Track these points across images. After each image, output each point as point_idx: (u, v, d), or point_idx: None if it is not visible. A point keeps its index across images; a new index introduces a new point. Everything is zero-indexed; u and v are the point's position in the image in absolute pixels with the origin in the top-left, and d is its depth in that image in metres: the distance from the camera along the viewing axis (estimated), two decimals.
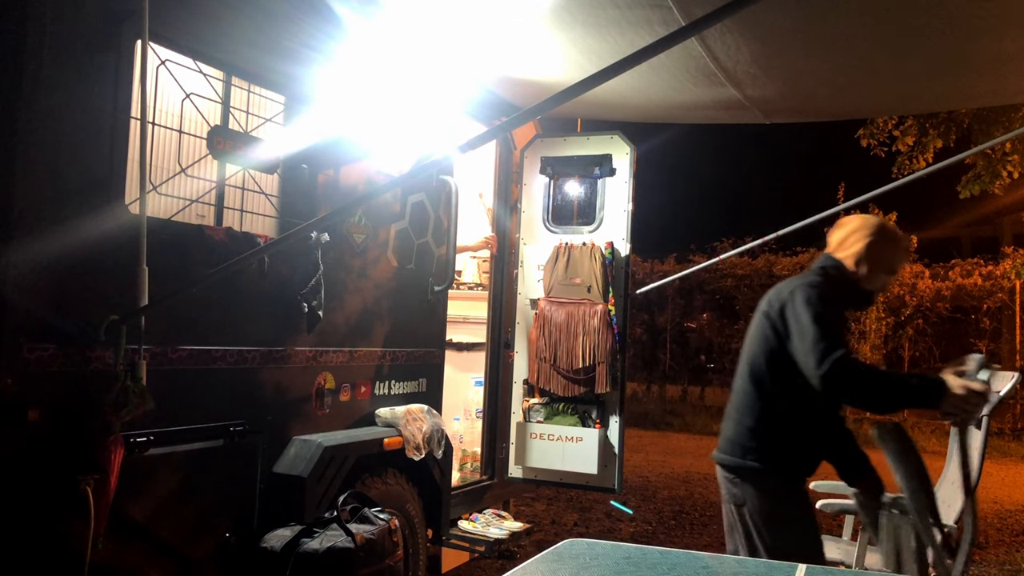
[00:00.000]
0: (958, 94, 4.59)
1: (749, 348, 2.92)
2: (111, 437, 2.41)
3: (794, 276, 3.01)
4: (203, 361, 2.86)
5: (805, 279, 2.87)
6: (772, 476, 2.78)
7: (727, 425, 2.92)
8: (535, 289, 4.84)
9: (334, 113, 3.39)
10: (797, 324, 2.69)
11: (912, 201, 13.13)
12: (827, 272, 2.92)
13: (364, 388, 3.69)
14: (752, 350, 2.89)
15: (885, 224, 3.00)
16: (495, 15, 3.43)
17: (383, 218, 3.80)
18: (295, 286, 3.23)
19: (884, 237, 2.93)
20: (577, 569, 1.86)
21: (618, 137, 4.74)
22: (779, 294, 2.85)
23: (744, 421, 2.84)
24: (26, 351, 2.31)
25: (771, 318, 2.81)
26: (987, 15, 3.15)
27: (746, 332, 2.99)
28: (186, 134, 2.91)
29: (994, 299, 13.23)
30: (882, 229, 2.95)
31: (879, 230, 2.94)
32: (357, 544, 2.83)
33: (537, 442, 4.70)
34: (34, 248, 2.33)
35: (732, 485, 2.85)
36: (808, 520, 2.84)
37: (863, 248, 2.90)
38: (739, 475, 2.82)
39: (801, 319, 2.67)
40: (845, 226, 2.98)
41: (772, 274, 14.51)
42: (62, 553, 2.33)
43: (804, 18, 3.27)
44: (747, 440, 2.81)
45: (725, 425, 2.93)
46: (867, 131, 9.01)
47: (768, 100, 4.30)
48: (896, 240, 2.99)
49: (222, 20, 2.93)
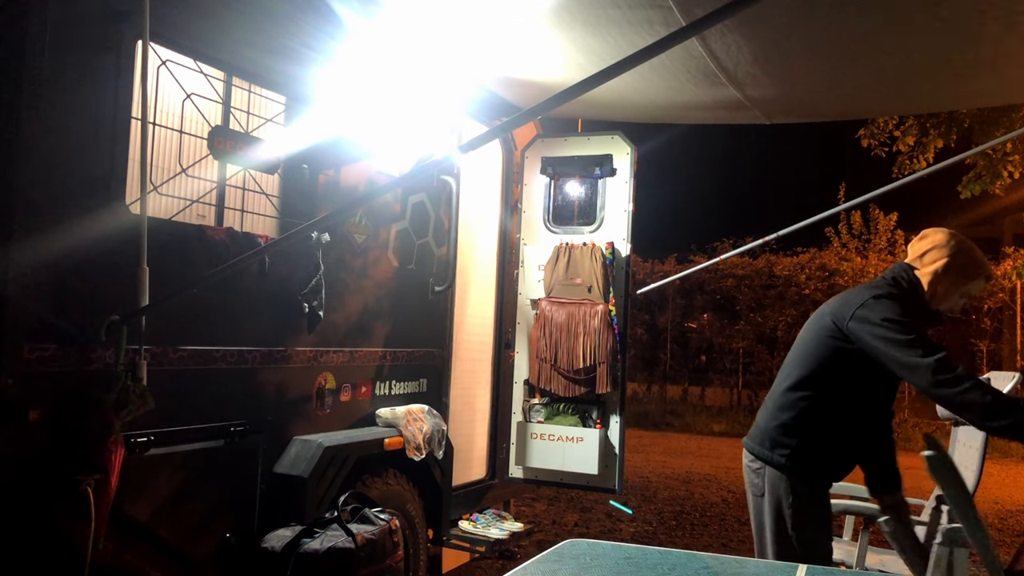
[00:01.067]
0: (958, 94, 4.58)
1: (800, 348, 2.84)
2: (112, 437, 2.41)
3: (862, 284, 2.87)
4: (204, 361, 2.86)
5: (876, 288, 2.74)
6: (795, 475, 2.74)
7: (762, 415, 2.89)
8: (536, 289, 4.85)
9: (335, 113, 3.40)
10: (883, 336, 2.57)
11: (913, 201, 13.14)
12: (899, 284, 2.77)
13: (365, 388, 3.69)
14: (804, 351, 2.81)
15: (971, 247, 2.78)
16: (495, 15, 3.42)
17: (384, 218, 3.80)
18: (296, 286, 3.23)
19: (969, 260, 2.76)
20: (577, 569, 1.86)
21: (619, 137, 4.75)
22: (847, 301, 2.73)
23: (780, 416, 2.80)
24: (27, 351, 2.31)
25: (835, 325, 2.71)
26: (987, 15, 3.15)
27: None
28: (187, 134, 2.91)
29: (995, 299, 13.23)
30: (967, 252, 2.76)
31: (965, 251, 2.75)
32: (358, 544, 2.83)
33: (538, 442, 4.70)
34: (35, 248, 2.34)
35: (755, 475, 2.84)
36: (822, 524, 2.79)
37: (942, 267, 2.74)
38: (763, 466, 2.80)
39: (887, 330, 2.57)
40: (928, 238, 2.81)
41: (772, 274, 14.52)
42: (63, 553, 2.33)
43: (805, 18, 3.27)
44: (778, 435, 2.78)
45: (760, 415, 2.90)
46: (868, 131, 9.01)
47: (769, 100, 4.29)
48: (980, 265, 2.79)
49: (223, 20, 2.93)
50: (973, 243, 2.81)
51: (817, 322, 2.82)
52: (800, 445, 2.74)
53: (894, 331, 2.56)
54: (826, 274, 14.13)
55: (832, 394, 2.75)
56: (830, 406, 2.75)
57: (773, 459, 2.77)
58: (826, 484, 2.82)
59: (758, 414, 2.93)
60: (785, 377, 2.85)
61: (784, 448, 2.75)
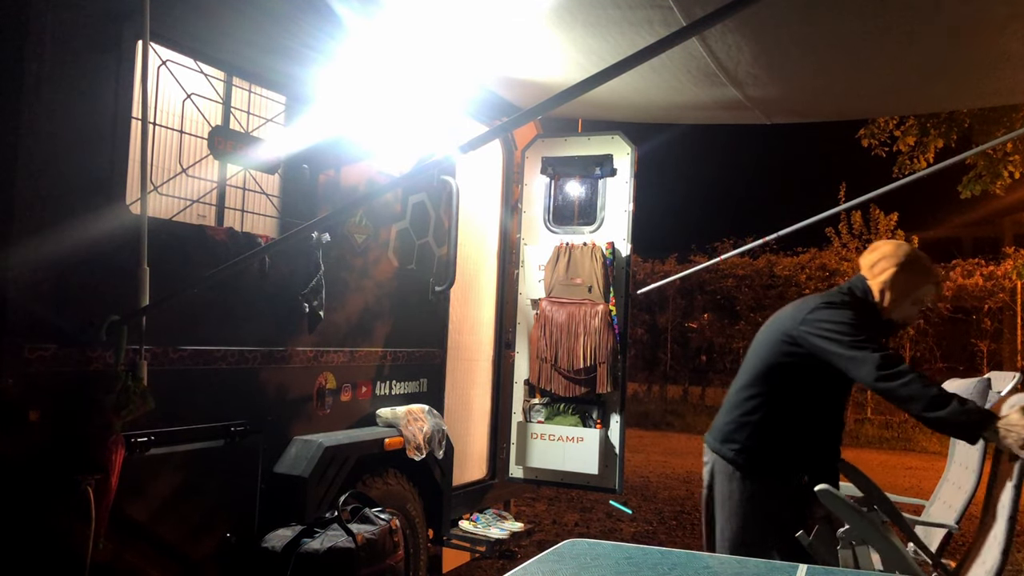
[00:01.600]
0: (959, 94, 4.58)
1: (755, 351, 2.98)
2: (112, 437, 2.41)
3: (817, 294, 3.02)
4: (204, 361, 2.86)
5: (830, 297, 2.89)
6: (743, 469, 2.88)
7: (720, 412, 3.04)
8: (536, 289, 4.85)
9: (335, 113, 3.40)
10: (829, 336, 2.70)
11: (913, 201, 13.15)
12: (852, 293, 2.92)
13: (365, 388, 3.69)
14: (758, 353, 2.95)
15: (918, 255, 2.91)
16: (495, 15, 3.42)
17: (384, 218, 3.80)
18: (296, 286, 3.23)
19: (913, 269, 2.87)
20: (578, 569, 1.86)
21: (619, 137, 4.75)
22: (800, 308, 2.88)
23: (732, 413, 2.96)
24: (27, 351, 2.31)
25: (787, 331, 2.84)
26: (987, 16, 3.15)
27: (753, 336, 3.03)
28: (187, 134, 2.91)
29: (995, 299, 13.22)
30: (912, 260, 2.88)
31: (909, 261, 2.87)
32: (358, 544, 2.83)
33: (538, 442, 4.70)
34: (35, 248, 2.34)
35: (706, 467, 3.02)
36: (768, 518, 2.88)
37: (890, 277, 2.86)
38: (714, 459, 2.97)
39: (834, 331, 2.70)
40: (878, 250, 2.94)
41: (773, 274, 14.52)
42: (63, 553, 2.33)
43: (805, 18, 3.27)
44: (730, 431, 2.94)
45: (719, 412, 3.05)
46: (868, 131, 9.01)
47: (769, 100, 4.30)
48: (926, 273, 2.91)
49: (223, 20, 2.93)
50: (921, 252, 2.95)
51: (771, 327, 2.97)
52: (749, 441, 2.89)
53: (840, 332, 2.70)
54: (826, 274, 14.12)
55: (782, 397, 2.89)
56: (780, 408, 2.89)
57: (723, 452, 2.92)
58: (774, 480, 2.89)
59: (718, 412, 3.09)
60: (740, 378, 3.00)
61: (734, 444, 2.91)
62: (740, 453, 2.89)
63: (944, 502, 3.49)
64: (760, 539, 2.84)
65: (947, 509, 3.41)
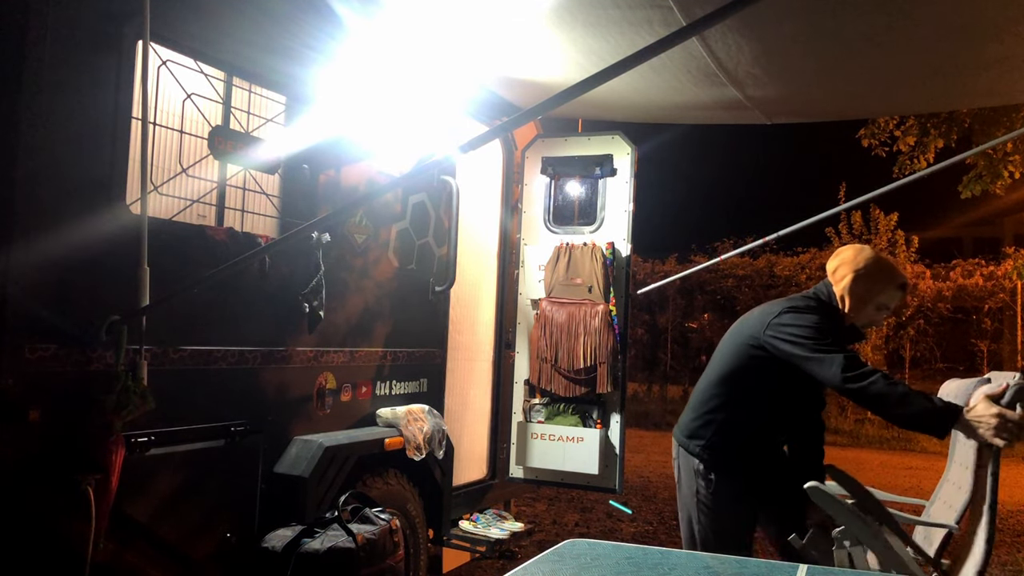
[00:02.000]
0: (959, 94, 4.58)
1: (721, 351, 3.04)
2: (112, 437, 2.41)
3: (783, 298, 3.05)
4: (204, 361, 2.86)
5: (794, 301, 2.93)
6: (707, 464, 2.92)
7: (687, 408, 3.10)
8: (536, 289, 4.85)
9: (335, 113, 3.40)
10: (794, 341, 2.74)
11: (913, 201, 13.15)
12: (819, 298, 2.96)
13: (365, 388, 3.69)
14: (724, 353, 3.01)
15: (878, 260, 2.93)
16: (495, 15, 3.42)
17: (384, 218, 3.80)
18: (296, 286, 3.23)
19: (872, 274, 2.88)
20: (578, 569, 1.86)
21: (619, 137, 4.74)
22: (766, 312, 2.92)
23: (699, 410, 3.01)
24: (27, 351, 2.31)
25: (752, 334, 2.88)
26: (988, 16, 3.15)
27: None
28: (187, 134, 2.91)
29: (995, 299, 13.23)
30: (871, 265, 2.89)
31: (868, 266, 2.89)
32: (358, 544, 2.83)
33: (538, 442, 4.70)
34: (35, 248, 2.34)
35: (674, 462, 3.09)
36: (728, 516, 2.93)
37: (848, 284, 2.90)
38: (680, 454, 3.04)
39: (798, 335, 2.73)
40: (839, 256, 2.99)
41: (773, 274, 14.54)
42: (63, 553, 2.33)
43: (805, 19, 3.27)
44: (696, 427, 2.98)
45: (686, 408, 3.11)
46: (868, 131, 9.01)
47: (769, 100, 4.30)
48: (887, 278, 2.92)
49: (223, 20, 2.93)
50: (884, 257, 2.97)
51: (738, 329, 3.01)
52: (715, 438, 2.93)
53: (804, 336, 2.73)
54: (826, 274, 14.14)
55: (747, 397, 2.93)
56: (745, 408, 2.93)
57: (689, 447, 2.98)
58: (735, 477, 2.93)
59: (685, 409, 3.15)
60: (707, 376, 3.06)
61: (699, 439, 2.96)
62: (705, 449, 2.93)
63: (944, 502, 3.48)
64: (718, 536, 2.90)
65: (947, 509, 3.41)
